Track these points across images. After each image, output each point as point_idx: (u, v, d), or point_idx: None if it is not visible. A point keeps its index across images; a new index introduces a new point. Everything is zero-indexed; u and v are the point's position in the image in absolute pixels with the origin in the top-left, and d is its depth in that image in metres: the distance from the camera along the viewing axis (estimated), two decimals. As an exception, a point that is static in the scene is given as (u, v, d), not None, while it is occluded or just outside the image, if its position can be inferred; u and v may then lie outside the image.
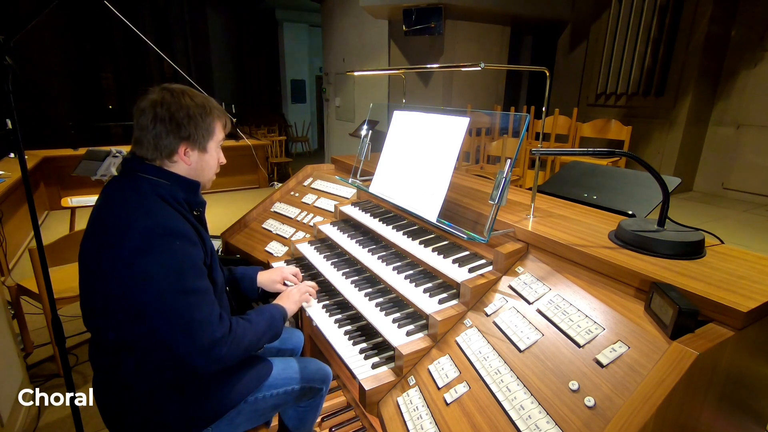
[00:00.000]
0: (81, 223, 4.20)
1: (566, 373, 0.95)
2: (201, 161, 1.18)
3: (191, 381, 1.14)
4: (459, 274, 1.33)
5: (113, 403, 1.16)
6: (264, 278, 1.56)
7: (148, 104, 1.10)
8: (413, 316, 1.37)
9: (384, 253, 1.63)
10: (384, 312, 1.38)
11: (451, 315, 1.25)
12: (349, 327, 1.44)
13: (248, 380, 1.24)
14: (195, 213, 1.19)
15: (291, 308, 1.39)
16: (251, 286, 1.54)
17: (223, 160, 1.25)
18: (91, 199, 4.02)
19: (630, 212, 1.59)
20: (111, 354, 1.12)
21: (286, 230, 2.25)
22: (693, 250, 1.10)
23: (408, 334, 1.27)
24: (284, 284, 1.59)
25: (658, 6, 5.62)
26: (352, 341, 1.36)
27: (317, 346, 1.95)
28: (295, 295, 1.44)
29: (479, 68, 1.26)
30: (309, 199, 2.40)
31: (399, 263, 1.54)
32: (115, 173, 3.48)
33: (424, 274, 1.48)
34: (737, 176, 5.73)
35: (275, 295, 1.56)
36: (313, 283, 1.56)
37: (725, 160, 5.81)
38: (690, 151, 5.94)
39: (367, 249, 1.67)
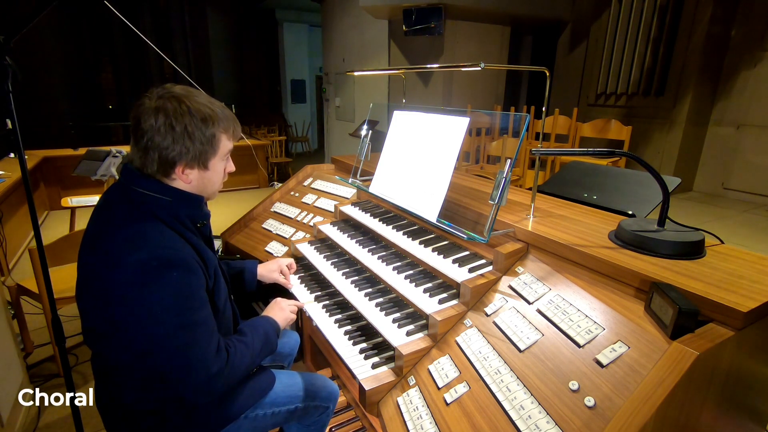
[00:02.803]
0: (81, 223, 4.20)
1: (566, 373, 0.95)
2: (202, 179, 1.09)
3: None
4: (459, 274, 1.33)
5: (113, 412, 1.15)
6: (262, 270, 1.56)
7: (143, 113, 0.99)
8: (413, 316, 1.37)
9: (384, 253, 1.63)
10: (384, 312, 1.38)
11: (451, 315, 1.25)
12: (349, 327, 1.44)
13: (249, 393, 1.21)
14: (198, 225, 1.13)
15: (282, 322, 1.33)
16: (251, 279, 1.52)
17: (232, 169, 1.16)
18: (91, 199, 4.02)
19: (630, 212, 1.59)
20: (110, 371, 1.11)
21: (286, 230, 2.25)
22: (693, 250, 1.10)
23: (408, 334, 1.27)
24: (280, 274, 1.60)
25: (658, 6, 5.62)
26: (352, 341, 1.36)
27: (317, 346, 1.95)
28: (286, 309, 1.37)
29: (479, 68, 1.26)
30: (309, 199, 2.40)
31: (399, 263, 1.54)
32: (115, 173, 3.49)
33: (424, 274, 1.48)
34: (737, 176, 5.73)
35: (269, 290, 1.55)
36: (299, 303, 1.50)
37: (725, 160, 5.81)
38: (690, 151, 5.93)
39: (367, 249, 1.67)
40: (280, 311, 1.35)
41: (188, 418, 1.11)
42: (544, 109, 1.35)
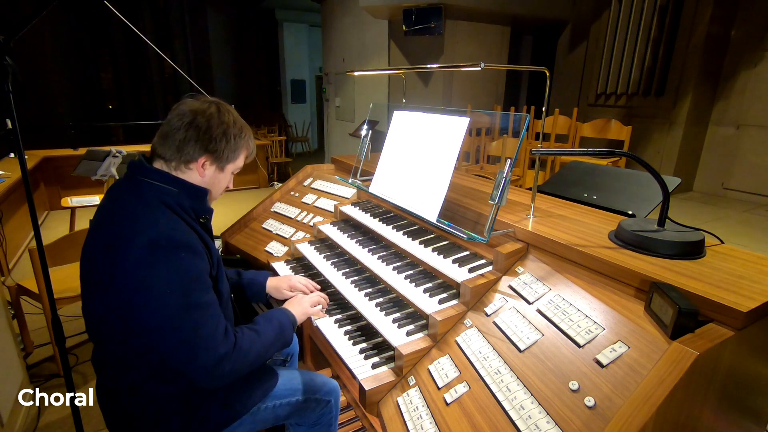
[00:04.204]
0: (81, 223, 4.20)
1: (566, 373, 0.95)
2: (214, 178, 1.16)
3: (196, 393, 1.12)
4: (459, 274, 1.33)
5: (115, 409, 1.15)
6: (272, 284, 1.53)
7: (190, 109, 1.09)
8: (413, 316, 1.37)
9: (384, 253, 1.63)
10: (384, 312, 1.38)
11: (451, 315, 1.25)
12: (349, 327, 1.44)
13: (254, 391, 1.22)
14: (201, 220, 1.16)
15: (300, 316, 1.34)
16: (260, 292, 1.51)
17: (230, 185, 1.24)
18: (91, 199, 4.03)
19: (630, 212, 1.59)
20: (113, 364, 1.11)
21: (286, 230, 2.25)
22: (693, 250, 1.10)
23: (408, 334, 1.27)
24: (291, 292, 1.55)
25: (658, 6, 5.62)
26: (352, 341, 1.36)
27: (317, 346, 1.95)
28: (306, 303, 1.40)
29: (479, 68, 1.26)
30: (309, 199, 2.40)
31: (399, 263, 1.54)
32: (115, 173, 3.49)
33: (424, 274, 1.48)
34: (737, 176, 5.73)
35: (280, 302, 1.54)
36: (324, 295, 1.51)
37: (725, 160, 5.81)
38: (690, 151, 5.93)
39: (367, 249, 1.67)
40: (298, 305, 1.38)
41: (190, 417, 1.11)
42: (544, 109, 1.35)
